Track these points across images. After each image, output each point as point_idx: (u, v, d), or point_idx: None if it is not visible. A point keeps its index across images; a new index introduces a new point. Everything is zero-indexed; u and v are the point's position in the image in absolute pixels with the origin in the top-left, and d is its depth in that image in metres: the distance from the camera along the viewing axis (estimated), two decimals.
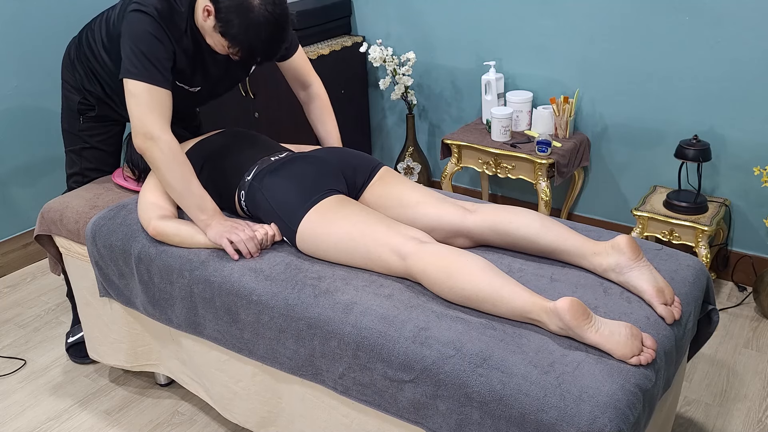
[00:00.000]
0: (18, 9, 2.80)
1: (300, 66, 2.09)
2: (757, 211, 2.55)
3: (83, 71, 2.09)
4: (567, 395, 1.27)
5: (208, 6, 1.71)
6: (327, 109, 2.15)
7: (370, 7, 3.20)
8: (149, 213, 1.82)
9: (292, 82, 2.14)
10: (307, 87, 2.13)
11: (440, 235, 1.70)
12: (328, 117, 2.15)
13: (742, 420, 2.03)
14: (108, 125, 2.17)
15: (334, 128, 2.16)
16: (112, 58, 1.99)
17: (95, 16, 2.09)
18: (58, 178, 3.00)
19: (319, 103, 2.14)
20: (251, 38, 1.69)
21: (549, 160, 2.58)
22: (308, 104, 2.15)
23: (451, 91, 3.12)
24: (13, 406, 2.22)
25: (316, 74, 2.14)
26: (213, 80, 1.98)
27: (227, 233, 1.71)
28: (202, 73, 1.93)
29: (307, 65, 2.12)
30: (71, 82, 2.13)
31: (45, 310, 2.71)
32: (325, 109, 2.15)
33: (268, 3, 1.67)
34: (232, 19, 1.68)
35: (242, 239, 1.70)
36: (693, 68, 2.49)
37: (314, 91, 2.14)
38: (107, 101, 2.11)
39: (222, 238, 1.71)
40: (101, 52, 2.01)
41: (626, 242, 1.53)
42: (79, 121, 2.15)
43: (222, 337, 1.74)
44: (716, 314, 1.74)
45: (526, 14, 2.78)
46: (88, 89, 2.10)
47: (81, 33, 2.11)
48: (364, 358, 1.47)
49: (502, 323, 1.44)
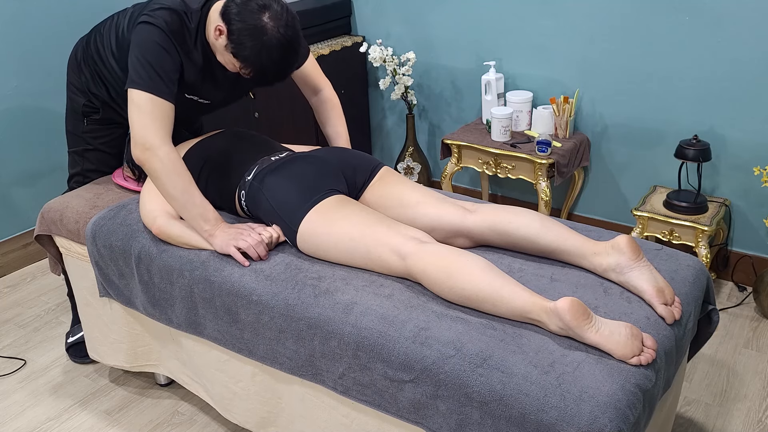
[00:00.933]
0: (18, 9, 2.80)
1: (310, 73, 2.09)
2: (757, 211, 2.55)
3: (89, 74, 2.08)
4: (567, 395, 1.27)
5: (221, 26, 1.70)
6: (337, 110, 2.14)
7: (370, 7, 3.20)
8: (154, 211, 1.81)
9: (303, 88, 2.13)
10: (318, 92, 2.13)
11: (440, 235, 1.70)
12: (338, 119, 2.14)
13: (742, 420, 2.03)
14: (112, 128, 2.17)
15: (344, 130, 2.15)
16: (120, 66, 1.99)
17: (105, 19, 2.08)
18: (58, 178, 3.00)
19: (329, 105, 2.14)
20: (263, 60, 1.68)
21: (549, 160, 2.58)
22: (319, 107, 2.15)
23: (451, 91, 3.12)
24: (13, 406, 2.22)
25: (326, 79, 2.14)
26: (223, 93, 1.99)
27: (233, 241, 1.70)
28: (211, 86, 1.92)
29: (317, 71, 2.11)
30: (77, 84, 2.13)
31: (45, 310, 2.71)
32: (335, 110, 2.14)
33: (281, 25, 1.66)
34: (245, 41, 1.66)
35: (251, 245, 1.69)
36: (693, 68, 2.49)
37: (325, 95, 2.13)
38: (112, 105, 2.11)
39: (229, 247, 1.70)
40: (109, 58, 2.01)
41: (626, 242, 1.53)
42: (83, 123, 2.15)
43: (222, 337, 1.74)
44: (716, 314, 1.74)
45: (526, 14, 2.78)
46: (94, 92, 2.10)
47: (89, 36, 2.09)
48: (364, 358, 1.47)
49: (502, 323, 1.44)
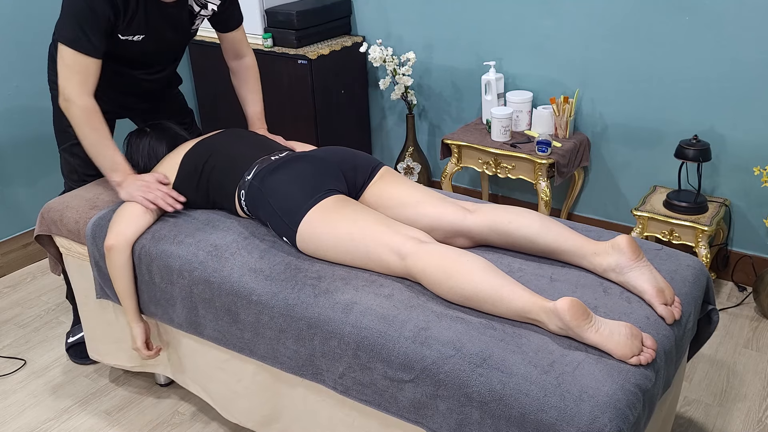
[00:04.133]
0: (18, 9, 2.80)
1: (239, 39, 2.19)
2: (757, 211, 2.55)
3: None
4: (567, 395, 1.27)
5: None
6: (255, 76, 2.25)
7: (370, 7, 3.20)
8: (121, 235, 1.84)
9: (226, 53, 2.23)
10: (242, 57, 2.22)
11: (440, 235, 1.70)
12: (256, 84, 2.25)
13: (742, 420, 2.03)
14: None
15: (259, 97, 2.26)
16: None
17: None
18: (58, 178, 2.98)
19: (251, 72, 2.24)
20: None
21: (549, 160, 2.58)
22: (239, 71, 2.24)
23: (451, 91, 3.12)
24: (13, 406, 2.22)
25: (252, 51, 2.25)
26: (155, 27, 2.01)
27: (141, 192, 1.84)
28: (144, 22, 1.96)
29: (246, 40, 2.22)
30: (54, 80, 2.13)
31: (45, 310, 2.71)
32: (254, 75, 2.25)
33: None
34: None
35: (159, 196, 1.84)
36: (693, 68, 2.49)
37: (248, 61, 2.24)
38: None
39: (136, 197, 1.84)
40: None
41: (626, 242, 1.53)
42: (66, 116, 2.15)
43: (222, 337, 1.74)
44: (716, 314, 1.74)
45: (526, 14, 2.78)
46: None
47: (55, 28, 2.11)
48: (364, 358, 1.47)
49: (502, 323, 1.44)
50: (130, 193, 1.87)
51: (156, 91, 2.27)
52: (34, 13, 2.85)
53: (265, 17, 3.09)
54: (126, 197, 1.88)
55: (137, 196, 1.85)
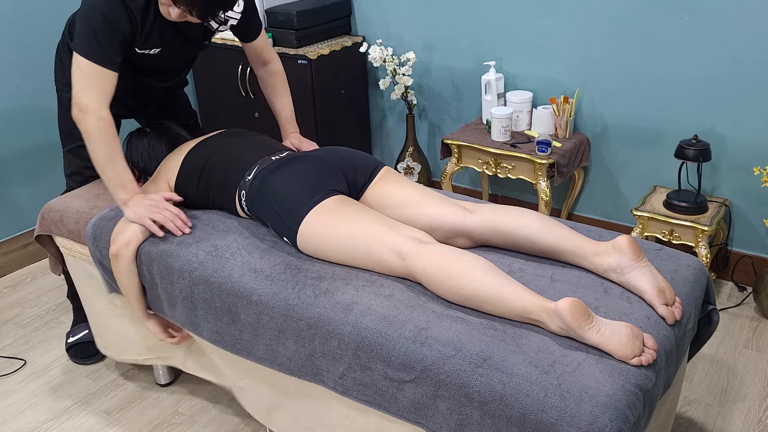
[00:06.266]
0: (18, 9, 2.80)
1: (261, 46, 2.17)
2: (757, 211, 2.55)
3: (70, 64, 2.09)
4: (567, 395, 1.27)
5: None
6: (284, 82, 2.23)
7: (370, 7, 3.20)
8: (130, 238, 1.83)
9: (253, 61, 2.22)
10: (267, 64, 2.20)
11: (441, 235, 1.70)
12: (285, 90, 2.24)
13: (742, 420, 2.03)
14: None
15: (289, 102, 2.24)
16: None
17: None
18: (58, 178, 2.99)
19: (278, 77, 2.22)
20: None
21: (549, 160, 2.58)
22: (266, 79, 2.22)
23: (451, 91, 3.12)
24: (13, 406, 2.22)
25: (276, 55, 2.23)
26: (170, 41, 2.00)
27: (149, 213, 1.79)
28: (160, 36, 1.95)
29: (269, 46, 2.20)
30: (62, 80, 2.13)
31: (45, 310, 2.71)
32: (282, 82, 2.23)
33: None
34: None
35: (168, 218, 1.80)
36: (693, 68, 2.49)
37: (273, 67, 2.21)
38: None
39: (144, 219, 1.79)
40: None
41: (627, 242, 1.53)
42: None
43: (221, 338, 1.74)
44: (716, 314, 1.74)
45: (526, 14, 2.78)
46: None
47: (65, 29, 2.11)
48: (365, 358, 1.47)
49: (503, 323, 1.44)
50: (137, 214, 1.81)
51: (165, 95, 2.27)
52: (34, 13, 2.85)
53: (265, 17, 3.09)
54: (134, 218, 1.81)
55: (145, 218, 1.80)
